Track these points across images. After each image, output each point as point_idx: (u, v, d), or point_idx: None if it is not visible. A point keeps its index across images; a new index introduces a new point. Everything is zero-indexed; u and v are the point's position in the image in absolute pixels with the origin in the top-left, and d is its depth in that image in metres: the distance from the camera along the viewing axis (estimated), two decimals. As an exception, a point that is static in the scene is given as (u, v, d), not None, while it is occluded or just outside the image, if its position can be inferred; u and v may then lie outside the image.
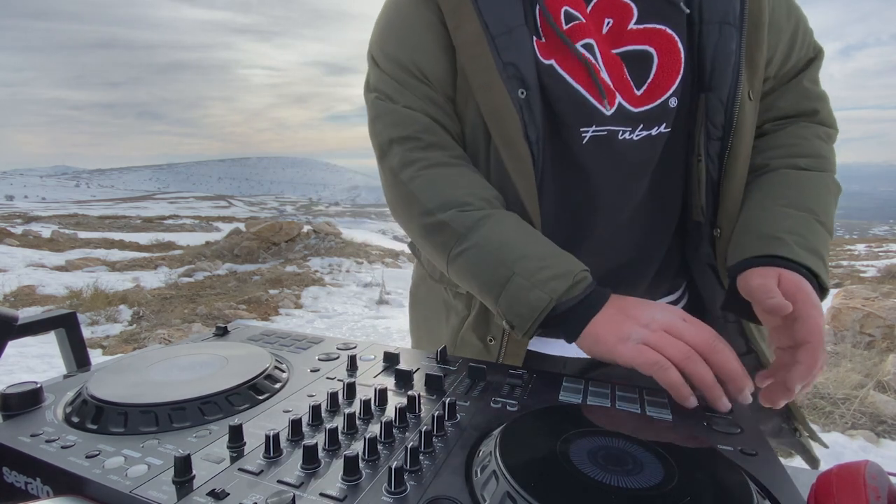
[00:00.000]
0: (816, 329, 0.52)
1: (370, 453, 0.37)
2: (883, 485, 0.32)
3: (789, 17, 0.68)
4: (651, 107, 0.63)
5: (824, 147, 0.68)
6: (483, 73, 0.62)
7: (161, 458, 0.37)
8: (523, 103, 0.61)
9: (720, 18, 0.61)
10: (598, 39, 0.62)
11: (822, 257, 0.58)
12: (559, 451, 0.36)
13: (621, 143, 0.63)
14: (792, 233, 0.59)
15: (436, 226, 0.64)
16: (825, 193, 0.64)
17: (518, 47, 0.61)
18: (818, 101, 0.70)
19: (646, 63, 0.62)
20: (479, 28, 0.61)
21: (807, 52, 0.70)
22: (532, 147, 0.63)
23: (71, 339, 0.59)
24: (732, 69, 0.61)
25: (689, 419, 0.46)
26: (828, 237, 0.61)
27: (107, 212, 30.13)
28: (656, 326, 0.52)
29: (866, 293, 3.99)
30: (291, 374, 0.54)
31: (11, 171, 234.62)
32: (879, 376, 2.79)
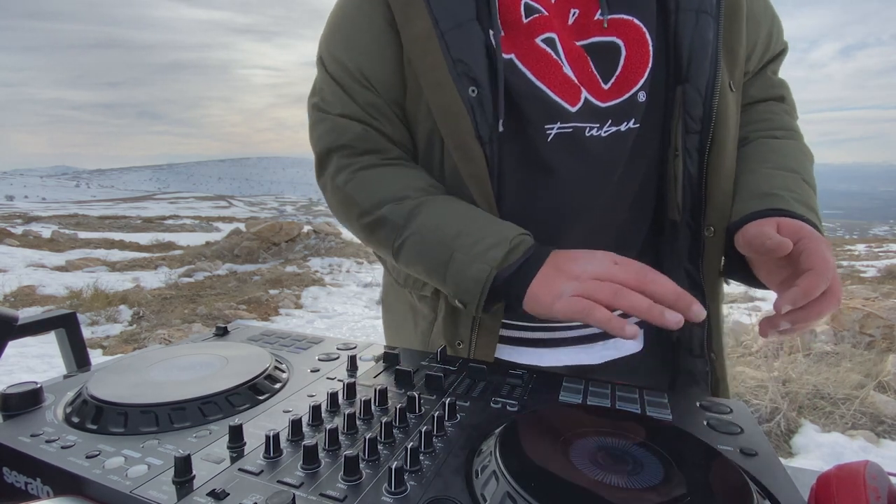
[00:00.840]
0: (823, 257, 0.51)
1: (370, 453, 0.37)
2: (883, 485, 0.32)
3: (766, 10, 0.69)
4: (619, 101, 0.60)
5: (794, 123, 0.71)
6: (432, 71, 0.59)
7: (161, 458, 0.37)
8: (474, 101, 0.59)
9: (696, 6, 0.60)
10: (561, 32, 0.60)
11: (816, 212, 0.59)
12: (559, 451, 0.36)
13: (588, 139, 0.61)
14: (785, 189, 0.60)
15: (375, 223, 0.65)
16: (804, 158, 0.66)
17: (468, 43, 0.58)
18: (783, 89, 0.73)
19: (613, 56, 0.60)
20: (428, 23, 0.58)
21: (778, 45, 0.73)
22: (485, 147, 0.60)
23: (71, 340, 0.59)
24: (710, 59, 0.60)
25: (689, 419, 0.46)
26: (815, 197, 0.62)
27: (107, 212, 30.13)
28: (587, 276, 0.52)
29: (866, 293, 3.99)
30: (291, 374, 0.54)
31: (11, 172, 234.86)
32: (880, 376, 2.79)
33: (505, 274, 0.56)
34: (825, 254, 0.51)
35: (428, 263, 0.61)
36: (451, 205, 0.62)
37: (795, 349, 3.28)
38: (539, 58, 0.59)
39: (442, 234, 0.59)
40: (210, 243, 8.38)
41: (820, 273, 0.50)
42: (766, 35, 0.69)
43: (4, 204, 52.76)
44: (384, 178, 0.66)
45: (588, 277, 0.52)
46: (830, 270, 0.50)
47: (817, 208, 0.60)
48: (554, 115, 0.60)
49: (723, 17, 0.60)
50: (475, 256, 0.56)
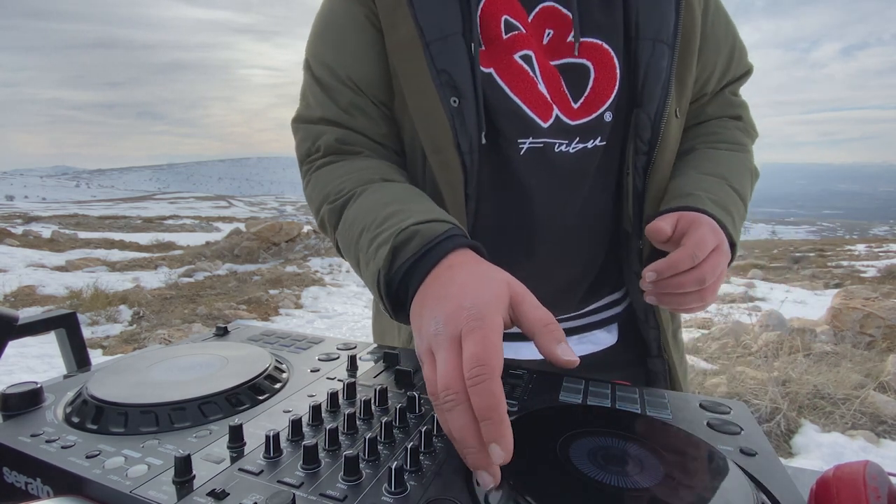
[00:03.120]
0: (700, 238, 0.55)
1: (370, 453, 0.37)
2: (883, 485, 0.32)
3: (727, 33, 0.71)
4: (587, 120, 0.63)
5: (744, 137, 0.74)
6: (415, 78, 0.60)
7: (161, 458, 0.37)
8: (455, 112, 0.59)
9: (654, 35, 0.62)
10: (536, 50, 0.62)
11: (730, 214, 0.61)
12: (559, 452, 0.36)
13: (557, 155, 0.63)
14: (704, 190, 0.63)
15: (321, 225, 0.66)
16: (741, 169, 0.69)
17: (452, 55, 0.59)
18: (741, 109, 0.77)
19: (583, 77, 0.62)
20: (413, 32, 0.59)
21: (740, 68, 0.75)
22: (463, 157, 0.61)
23: (71, 339, 0.59)
24: (662, 86, 0.62)
25: (689, 419, 0.46)
26: (740, 202, 0.65)
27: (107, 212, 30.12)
28: (432, 342, 0.40)
29: (866, 293, 3.99)
30: (291, 374, 0.54)
31: (11, 171, 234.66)
32: (880, 376, 2.79)
33: (399, 275, 0.49)
34: (704, 236, 0.55)
35: (352, 264, 0.59)
36: (373, 194, 0.58)
37: (796, 349, 3.28)
38: (516, 73, 0.61)
39: (353, 231, 0.56)
40: (210, 243, 8.38)
41: (688, 250, 0.54)
42: (725, 58, 0.72)
43: (4, 204, 52.74)
44: (330, 175, 0.65)
45: (428, 346, 0.40)
46: (702, 251, 0.54)
47: (735, 212, 0.62)
48: (527, 130, 0.62)
49: (678, 48, 0.63)
50: (370, 257, 0.52)
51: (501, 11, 0.61)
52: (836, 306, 3.88)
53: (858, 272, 8.55)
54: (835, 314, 3.83)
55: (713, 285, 0.56)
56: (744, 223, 0.66)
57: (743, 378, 2.80)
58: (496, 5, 0.61)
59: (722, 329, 4.04)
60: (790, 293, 6.43)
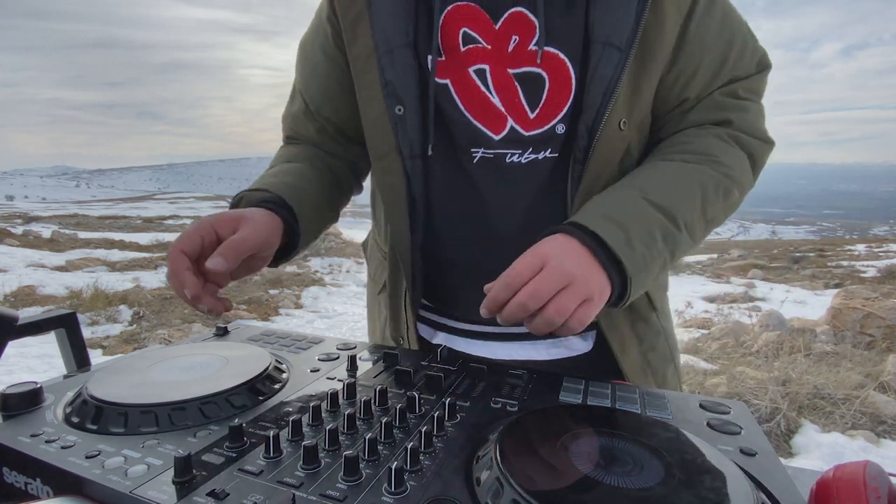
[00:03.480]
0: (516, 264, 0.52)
1: (370, 453, 0.37)
2: (883, 485, 0.32)
3: (721, 34, 0.65)
4: (540, 131, 0.63)
5: (720, 147, 0.64)
6: (367, 88, 0.65)
7: (161, 458, 0.37)
8: (398, 119, 0.63)
9: (605, 39, 0.59)
10: (495, 61, 0.62)
11: (621, 225, 0.54)
12: (559, 452, 0.36)
13: (508, 165, 0.64)
14: (600, 204, 0.58)
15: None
16: (683, 181, 0.61)
17: (397, 67, 0.62)
18: (732, 112, 0.66)
19: (539, 87, 0.62)
20: (370, 44, 0.63)
21: (741, 70, 0.66)
22: (405, 162, 0.65)
23: (71, 340, 0.59)
24: (605, 94, 0.59)
25: (689, 419, 0.46)
26: (659, 217, 0.57)
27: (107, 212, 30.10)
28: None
29: (866, 293, 3.99)
30: (291, 374, 0.54)
31: (11, 171, 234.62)
32: (880, 376, 2.79)
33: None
34: (520, 261, 0.52)
35: None
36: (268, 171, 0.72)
37: (796, 349, 3.28)
38: (469, 87, 0.63)
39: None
40: (210, 243, 8.35)
41: (501, 279, 0.51)
42: (715, 61, 0.65)
43: (4, 204, 52.72)
44: (276, 154, 0.78)
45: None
46: (514, 277, 0.51)
47: (632, 223, 0.55)
48: (478, 141, 0.64)
49: (634, 52, 0.59)
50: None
51: (461, 23, 0.62)
52: (836, 306, 3.89)
53: (858, 272, 8.56)
54: (835, 314, 3.83)
55: (551, 305, 0.49)
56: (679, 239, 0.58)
57: (743, 378, 2.80)
58: (456, 17, 0.62)
59: (722, 329, 4.05)
60: (790, 293, 6.44)
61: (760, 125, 0.68)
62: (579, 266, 0.52)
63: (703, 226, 0.62)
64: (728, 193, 0.63)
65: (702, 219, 0.61)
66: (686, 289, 6.89)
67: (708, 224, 0.62)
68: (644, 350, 0.72)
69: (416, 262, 0.71)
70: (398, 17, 0.62)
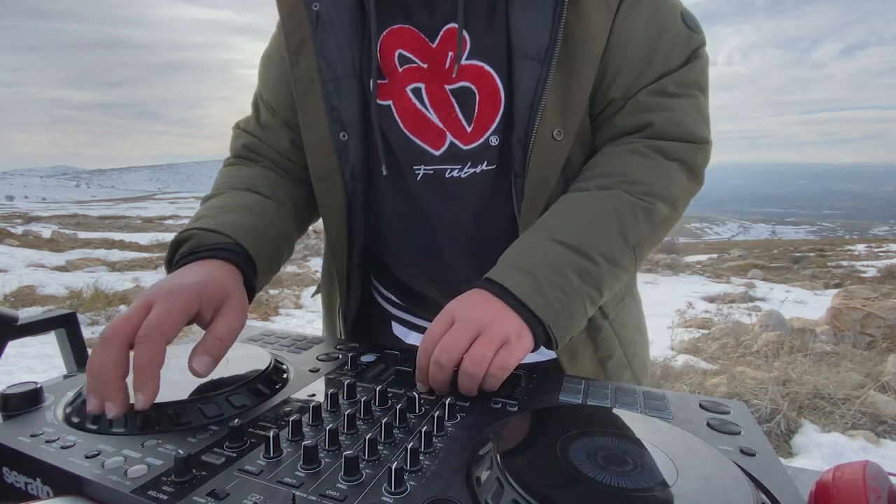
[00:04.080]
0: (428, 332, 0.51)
1: (370, 453, 0.37)
2: (883, 485, 0.32)
3: (648, 27, 0.60)
4: (476, 145, 0.63)
5: (636, 163, 0.61)
6: (310, 112, 0.66)
7: (161, 458, 0.37)
8: (342, 145, 0.65)
9: (523, 52, 0.58)
10: (430, 79, 0.63)
11: (528, 272, 0.53)
12: (559, 452, 0.36)
13: (449, 180, 0.65)
14: (509, 255, 0.57)
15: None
16: (593, 212, 0.58)
17: (342, 95, 0.64)
18: (656, 112, 0.62)
19: (471, 101, 0.62)
20: (314, 71, 0.64)
21: (669, 63, 0.62)
22: (346, 185, 0.67)
23: (71, 339, 0.59)
24: (531, 107, 0.58)
25: (689, 419, 0.46)
26: (564, 254, 0.55)
27: (107, 212, 30.11)
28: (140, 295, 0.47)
29: (866, 293, 3.99)
30: (291, 374, 0.54)
31: (11, 171, 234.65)
32: (880, 377, 2.79)
33: (171, 262, 0.58)
34: (431, 328, 0.50)
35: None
36: (218, 199, 0.65)
37: (796, 349, 3.28)
38: (407, 106, 0.64)
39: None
40: (210, 243, 8.35)
41: (419, 350, 0.50)
42: (641, 57, 0.61)
43: (4, 204, 52.75)
44: (224, 174, 0.72)
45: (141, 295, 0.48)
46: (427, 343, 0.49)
47: (538, 266, 0.53)
48: (419, 158, 0.65)
49: (555, 62, 0.57)
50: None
51: (396, 45, 0.63)
52: (836, 306, 3.89)
53: (858, 272, 8.56)
54: (835, 314, 3.83)
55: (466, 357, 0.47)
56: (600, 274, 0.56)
57: (743, 378, 2.80)
58: (392, 40, 0.63)
59: (722, 329, 4.05)
60: (790, 293, 6.44)
61: (689, 124, 0.62)
62: (488, 313, 0.50)
63: (628, 252, 0.58)
64: (649, 212, 0.59)
65: (624, 245, 0.58)
66: (686, 289, 6.89)
67: (635, 248, 0.59)
68: (601, 357, 0.71)
69: (352, 279, 0.73)
70: (342, 44, 0.63)
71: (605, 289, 0.57)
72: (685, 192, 0.64)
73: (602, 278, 0.56)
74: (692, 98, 0.63)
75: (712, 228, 77.38)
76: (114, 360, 0.41)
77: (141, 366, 0.41)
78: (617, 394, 0.50)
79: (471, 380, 0.47)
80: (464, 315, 0.50)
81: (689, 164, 0.63)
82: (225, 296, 0.50)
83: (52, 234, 10.24)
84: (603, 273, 0.56)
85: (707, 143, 0.64)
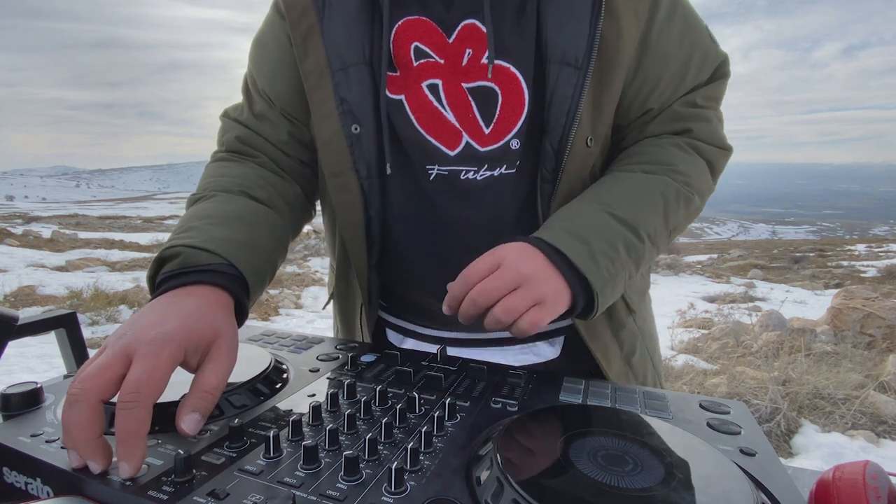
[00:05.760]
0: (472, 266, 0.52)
1: (370, 453, 0.37)
2: (883, 485, 0.32)
3: (682, 43, 0.63)
4: (495, 147, 0.61)
5: (679, 156, 0.64)
6: (321, 105, 0.63)
7: (161, 458, 0.37)
8: (355, 138, 0.62)
9: (560, 58, 0.58)
10: (448, 76, 0.61)
11: (584, 240, 0.54)
12: (560, 452, 0.36)
13: (464, 182, 0.62)
14: (562, 219, 0.57)
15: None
16: (645, 193, 0.60)
17: (352, 85, 0.61)
18: (692, 121, 0.66)
19: (492, 101, 0.61)
20: (323, 60, 0.61)
21: (700, 77, 0.65)
22: (362, 181, 0.64)
23: (71, 339, 0.59)
24: (567, 114, 0.58)
25: (689, 419, 0.46)
26: (623, 230, 0.56)
27: (107, 212, 30.11)
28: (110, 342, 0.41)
29: (866, 293, 3.99)
30: (291, 374, 0.54)
31: (11, 172, 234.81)
32: (880, 377, 2.79)
33: (152, 281, 0.53)
34: (479, 261, 0.52)
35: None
36: (205, 204, 0.61)
37: (796, 349, 3.28)
38: (422, 103, 0.61)
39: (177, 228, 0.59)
40: (210, 243, 8.34)
41: (460, 277, 0.52)
42: (678, 71, 0.63)
43: (4, 204, 52.75)
44: (212, 171, 0.68)
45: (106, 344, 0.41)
46: (469, 276, 0.51)
47: (595, 238, 0.54)
48: (433, 158, 0.63)
49: (591, 70, 0.58)
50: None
51: (412, 38, 0.61)
52: (836, 306, 3.89)
53: (858, 272, 8.56)
54: (835, 314, 3.83)
55: (499, 304, 0.50)
56: (642, 251, 0.58)
57: (743, 378, 2.80)
58: (408, 32, 0.61)
59: (722, 329, 4.05)
60: (790, 293, 6.44)
61: (719, 133, 0.68)
62: (535, 270, 0.51)
63: (665, 235, 0.61)
64: (689, 201, 0.63)
65: (664, 228, 0.61)
66: (686, 289, 6.89)
67: (671, 233, 0.62)
68: (626, 355, 0.71)
69: (372, 279, 0.70)
70: (352, 32, 0.61)
71: (643, 266, 0.60)
72: (709, 191, 0.68)
73: (643, 256, 0.58)
74: (715, 110, 0.68)
75: (712, 228, 77.40)
76: (88, 419, 0.36)
77: (127, 436, 0.35)
78: (617, 394, 0.50)
79: (498, 324, 0.50)
80: (511, 265, 0.51)
81: (714, 166, 0.67)
82: (214, 338, 0.44)
83: (52, 234, 10.24)
84: (645, 251, 0.58)
85: (730, 150, 0.69)
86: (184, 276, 0.49)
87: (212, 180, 0.65)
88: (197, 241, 0.52)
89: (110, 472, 0.36)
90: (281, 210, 0.67)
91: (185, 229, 0.54)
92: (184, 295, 0.47)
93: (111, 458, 0.36)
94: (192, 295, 0.47)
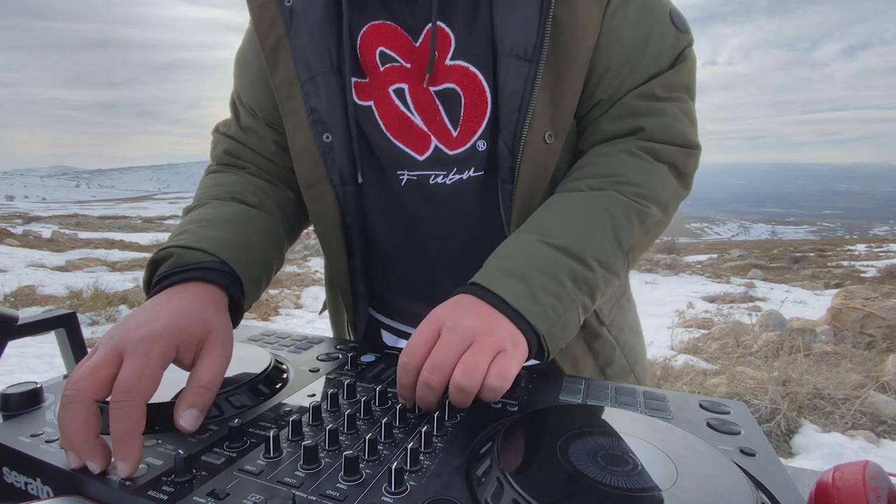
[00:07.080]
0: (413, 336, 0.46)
1: (370, 453, 0.37)
2: (883, 485, 0.32)
3: (637, 25, 0.58)
4: (462, 150, 0.60)
5: (629, 164, 0.58)
6: (293, 116, 0.63)
7: (161, 458, 0.37)
8: (327, 147, 0.61)
9: (509, 51, 0.55)
10: (413, 80, 0.60)
11: (523, 279, 0.49)
12: (559, 452, 0.36)
13: (433, 186, 0.62)
14: (499, 256, 0.53)
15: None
16: (586, 214, 0.55)
17: (321, 93, 0.60)
18: (644, 117, 0.59)
19: (456, 103, 0.59)
20: (292, 71, 0.61)
21: (655, 66, 0.59)
22: (336, 190, 0.63)
23: (71, 340, 0.59)
24: (519, 109, 0.55)
25: (689, 419, 0.46)
26: (559, 259, 0.51)
27: (107, 212, 30.12)
28: (102, 342, 0.41)
29: (866, 293, 3.99)
30: (291, 374, 0.54)
31: (11, 172, 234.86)
32: (880, 377, 2.79)
33: (148, 282, 0.53)
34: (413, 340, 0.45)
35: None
36: (200, 210, 0.61)
37: (796, 349, 3.28)
38: (389, 108, 0.61)
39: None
40: (210, 243, 8.35)
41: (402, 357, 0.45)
42: (630, 58, 0.58)
43: (4, 204, 52.77)
44: (205, 182, 0.69)
45: (99, 344, 0.41)
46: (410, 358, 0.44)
47: (542, 276, 0.49)
48: (402, 163, 0.62)
49: (543, 61, 0.54)
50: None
51: (377, 43, 0.60)
52: (836, 306, 3.89)
53: (858, 272, 8.56)
54: (835, 314, 3.83)
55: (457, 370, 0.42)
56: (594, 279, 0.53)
57: (743, 378, 2.80)
58: (373, 37, 0.60)
59: (722, 329, 4.05)
60: (790, 293, 6.44)
61: (680, 129, 0.60)
62: (479, 321, 0.45)
63: (621, 257, 0.55)
64: (643, 216, 0.56)
65: (618, 250, 0.55)
66: (686, 289, 6.89)
67: (628, 254, 0.56)
68: (601, 365, 0.70)
69: (357, 286, 0.70)
70: (318, 41, 0.60)
71: (598, 295, 0.54)
72: (675, 197, 0.62)
73: (596, 284, 0.53)
74: (681, 101, 0.61)
75: (712, 228, 77.41)
76: (83, 420, 0.36)
77: (121, 435, 0.35)
78: (617, 394, 0.50)
79: (464, 394, 0.42)
80: (452, 324, 0.45)
81: (679, 168, 0.61)
82: (206, 333, 0.44)
83: (52, 234, 10.24)
84: (597, 279, 0.53)
85: (697, 147, 0.62)
86: (176, 276, 0.50)
87: (205, 191, 0.66)
88: (188, 242, 0.53)
89: (110, 471, 0.36)
90: (273, 213, 0.67)
91: (178, 233, 0.56)
92: (175, 293, 0.48)
93: (110, 458, 0.36)
94: (183, 293, 0.48)
